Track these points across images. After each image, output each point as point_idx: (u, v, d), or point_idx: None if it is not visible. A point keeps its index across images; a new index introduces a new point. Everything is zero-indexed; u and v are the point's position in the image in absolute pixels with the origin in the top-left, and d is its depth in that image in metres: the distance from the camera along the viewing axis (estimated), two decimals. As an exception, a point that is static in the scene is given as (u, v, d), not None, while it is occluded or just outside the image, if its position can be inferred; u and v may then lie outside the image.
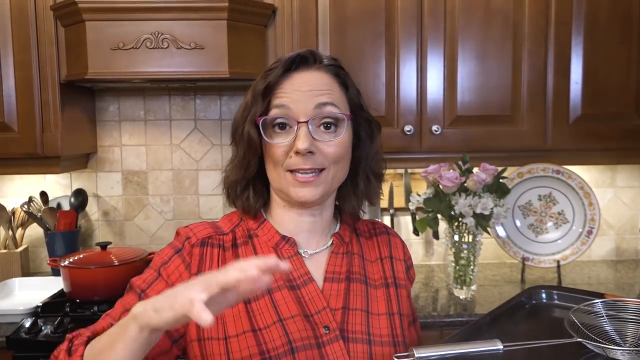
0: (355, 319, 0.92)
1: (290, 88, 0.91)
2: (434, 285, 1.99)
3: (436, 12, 1.84)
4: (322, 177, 0.90)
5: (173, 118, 2.20)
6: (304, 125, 0.88)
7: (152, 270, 0.93)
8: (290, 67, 0.92)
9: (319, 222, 0.97)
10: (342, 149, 0.91)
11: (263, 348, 0.85)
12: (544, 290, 1.18)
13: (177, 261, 0.92)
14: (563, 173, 1.97)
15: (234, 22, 1.72)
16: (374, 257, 1.02)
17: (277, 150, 0.90)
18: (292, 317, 0.88)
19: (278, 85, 0.91)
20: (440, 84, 1.87)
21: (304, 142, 0.87)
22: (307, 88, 0.90)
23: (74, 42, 1.76)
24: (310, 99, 0.90)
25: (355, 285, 0.95)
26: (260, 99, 0.91)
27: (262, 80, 0.92)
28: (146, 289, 0.90)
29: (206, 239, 0.93)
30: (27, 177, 2.16)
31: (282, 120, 0.90)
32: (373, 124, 0.99)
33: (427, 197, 1.78)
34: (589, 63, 1.87)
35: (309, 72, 0.93)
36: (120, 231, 2.22)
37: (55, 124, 1.83)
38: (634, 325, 0.92)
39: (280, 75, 0.91)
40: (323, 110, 0.90)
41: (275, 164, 0.91)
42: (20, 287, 1.94)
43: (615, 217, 2.31)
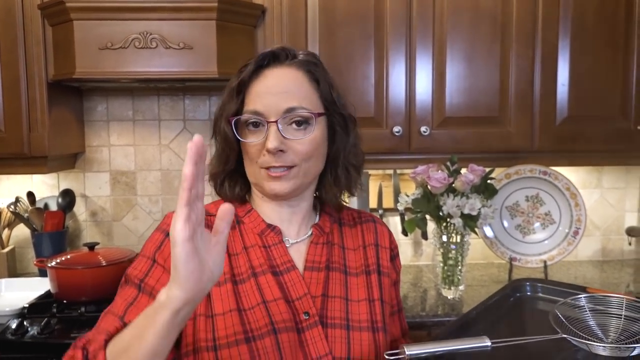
0: (334, 306, 0.95)
1: (262, 89, 0.94)
2: (422, 286, 1.99)
3: (425, 14, 1.85)
4: (292, 173, 0.94)
5: (162, 118, 2.19)
6: (273, 125, 0.92)
7: (146, 259, 0.93)
8: (262, 64, 0.95)
9: (298, 212, 1.01)
10: (312, 147, 0.94)
11: (247, 327, 0.88)
12: (528, 283, 1.21)
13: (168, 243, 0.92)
14: (550, 174, 1.99)
15: (223, 22, 1.72)
16: (356, 245, 1.05)
17: (251, 149, 0.94)
18: (274, 300, 0.91)
19: (250, 83, 0.95)
20: (429, 86, 1.88)
21: (272, 142, 0.91)
22: (277, 90, 0.93)
23: (61, 42, 1.74)
24: (281, 101, 0.92)
25: (334, 274, 0.99)
26: (235, 97, 0.95)
27: (236, 77, 0.96)
28: (144, 277, 0.90)
29: None
30: (13, 177, 2.14)
31: (254, 118, 0.93)
32: (347, 118, 1.01)
33: (416, 197, 1.78)
34: (576, 65, 1.89)
35: (281, 69, 0.96)
36: (109, 232, 2.21)
37: (42, 123, 1.81)
38: (616, 319, 0.95)
39: (252, 73, 0.95)
40: (293, 113, 0.93)
41: (251, 161, 0.95)
42: (7, 288, 1.92)
43: (601, 218, 2.33)
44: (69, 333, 1.56)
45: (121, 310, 0.87)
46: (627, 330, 0.92)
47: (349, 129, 1.01)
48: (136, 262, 0.94)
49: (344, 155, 1.01)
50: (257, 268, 0.94)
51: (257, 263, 0.95)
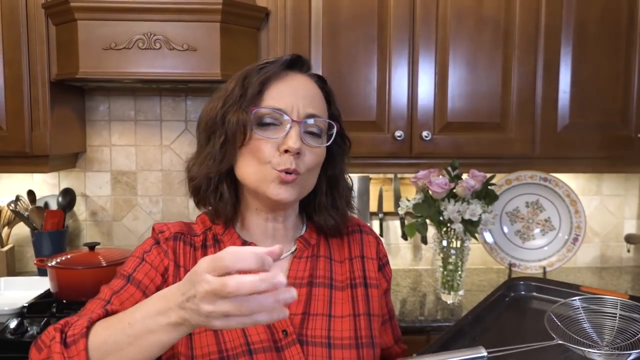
0: (316, 324, 0.93)
1: (287, 88, 0.92)
2: (421, 290, 2.00)
3: (428, 19, 1.86)
4: (298, 180, 0.91)
5: (164, 119, 2.19)
6: (297, 125, 0.89)
7: (135, 258, 0.95)
8: (289, 66, 0.94)
9: (281, 229, 0.99)
10: (319, 159, 0.94)
11: (222, 347, 0.88)
12: (522, 282, 1.21)
13: (157, 249, 0.94)
14: (550, 181, 1.99)
15: (227, 24, 1.72)
16: (343, 257, 1.03)
17: (265, 145, 0.89)
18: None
19: (274, 80, 0.92)
20: (431, 90, 1.88)
21: (296, 141, 0.88)
22: (302, 93, 0.92)
23: (65, 41, 1.74)
24: (305, 105, 0.91)
25: (317, 289, 0.97)
26: (256, 89, 0.90)
27: (257, 72, 0.92)
28: (132, 272, 0.92)
29: (179, 234, 0.96)
30: (14, 175, 2.14)
31: (275, 115, 0.90)
32: (346, 140, 1.02)
33: (417, 202, 1.79)
34: (577, 73, 1.90)
35: (303, 77, 0.95)
36: (108, 231, 2.21)
37: (44, 122, 1.81)
38: (611, 320, 0.95)
39: (278, 71, 0.92)
40: (314, 119, 0.92)
41: (260, 161, 0.90)
42: (6, 286, 1.92)
43: (601, 225, 2.34)
44: (68, 333, 1.56)
45: (107, 296, 0.89)
46: (623, 331, 0.92)
47: (345, 152, 1.02)
48: (127, 262, 0.96)
49: (342, 178, 1.02)
50: None
51: None
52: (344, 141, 1.01)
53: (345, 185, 1.03)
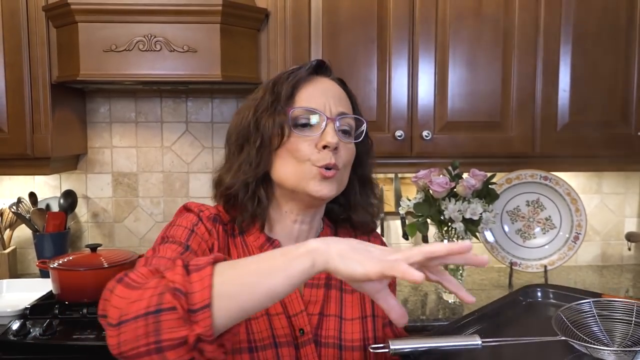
0: (329, 325, 0.96)
1: (316, 90, 0.95)
2: (422, 289, 2.00)
3: (428, 19, 1.86)
4: (337, 176, 0.93)
5: (164, 120, 2.19)
6: (332, 122, 0.92)
7: (184, 228, 0.91)
8: (315, 71, 0.97)
9: (306, 230, 1.00)
10: (352, 154, 0.96)
11: (250, 337, 0.89)
12: (540, 288, 1.18)
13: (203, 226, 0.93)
14: (550, 179, 2.00)
15: (227, 25, 1.73)
16: None
17: (303, 144, 0.91)
18: (277, 314, 0.92)
19: (303, 84, 0.95)
20: (431, 90, 1.89)
21: (334, 137, 0.90)
22: (332, 93, 0.95)
23: (65, 44, 1.75)
24: (336, 104, 0.94)
25: (331, 291, 0.99)
26: (289, 92, 0.93)
27: (285, 79, 0.95)
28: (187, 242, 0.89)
29: (217, 217, 0.96)
30: (15, 177, 2.15)
31: (310, 115, 0.92)
32: (370, 140, 1.04)
33: (417, 201, 1.79)
34: (577, 71, 1.90)
35: (329, 80, 0.99)
36: (110, 233, 2.21)
37: (45, 125, 1.82)
38: (623, 325, 0.93)
39: (305, 76, 0.95)
40: (346, 117, 0.95)
41: (299, 160, 0.91)
42: (8, 288, 1.92)
43: (601, 223, 2.34)
44: (71, 334, 1.56)
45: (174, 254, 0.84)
46: (635, 335, 0.90)
47: (370, 153, 1.04)
48: (170, 229, 0.92)
49: (370, 177, 1.04)
50: None
51: None
52: (368, 140, 1.03)
53: (374, 185, 1.06)
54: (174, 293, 0.66)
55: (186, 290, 0.66)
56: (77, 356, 1.52)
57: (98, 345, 1.51)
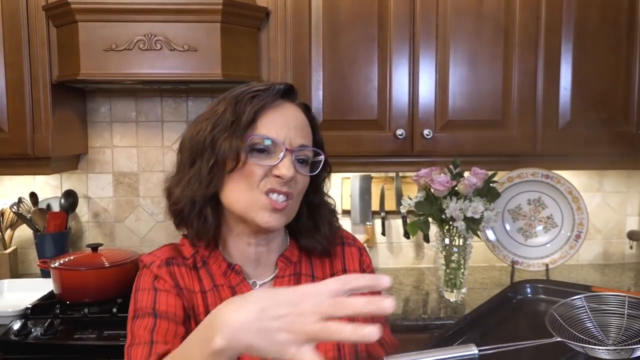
0: None
1: (280, 118, 0.93)
2: (424, 288, 2.00)
3: (428, 17, 1.86)
4: (288, 207, 0.92)
5: (165, 120, 2.19)
6: (290, 154, 0.91)
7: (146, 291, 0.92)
8: (281, 95, 0.95)
9: (264, 253, 0.99)
10: (306, 184, 0.96)
11: None
12: (529, 284, 1.18)
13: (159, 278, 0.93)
14: (552, 178, 1.99)
15: (227, 24, 1.73)
16: (325, 274, 1.04)
17: (257, 170, 0.90)
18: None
19: (267, 109, 0.92)
20: (432, 89, 1.88)
21: (290, 169, 0.89)
22: (294, 123, 0.94)
23: (66, 43, 1.75)
24: (297, 135, 0.93)
25: None
26: (251, 117, 0.90)
27: (250, 99, 0.92)
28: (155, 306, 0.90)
29: (170, 259, 0.96)
30: (16, 177, 2.15)
31: (270, 144, 0.90)
32: (328, 167, 1.03)
33: (419, 200, 1.79)
34: (578, 70, 1.90)
35: (294, 106, 0.97)
36: (111, 233, 2.21)
37: (46, 124, 1.81)
38: (618, 318, 0.92)
39: (271, 101, 0.93)
40: (305, 149, 0.94)
41: (251, 186, 0.90)
42: (9, 288, 1.92)
43: (603, 222, 2.34)
44: (72, 334, 1.56)
45: (147, 337, 0.86)
46: (629, 329, 0.89)
47: (325, 178, 1.03)
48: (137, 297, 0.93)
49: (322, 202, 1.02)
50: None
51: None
52: (326, 168, 1.02)
53: (327, 208, 1.04)
54: None
55: None
56: (79, 356, 1.52)
57: (99, 345, 1.50)
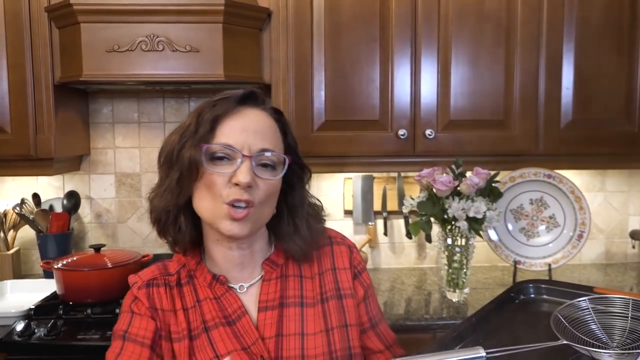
0: (289, 344, 0.96)
1: (238, 124, 0.93)
2: (426, 289, 2.00)
3: (430, 18, 1.86)
4: (250, 214, 0.91)
5: (167, 120, 2.19)
6: (247, 160, 0.90)
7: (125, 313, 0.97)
8: (242, 101, 0.95)
9: (248, 255, 1.00)
10: (273, 188, 0.95)
11: None
12: (532, 284, 1.17)
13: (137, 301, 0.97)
14: (554, 177, 1.99)
15: (229, 25, 1.73)
16: (314, 273, 1.04)
17: (217, 179, 0.90)
18: (228, 352, 0.92)
19: (227, 116, 0.93)
20: (434, 89, 1.88)
21: (246, 176, 0.89)
22: (253, 128, 0.93)
23: (68, 44, 1.75)
24: (256, 140, 0.92)
25: (288, 310, 0.99)
26: (208, 126, 0.91)
27: (210, 108, 0.93)
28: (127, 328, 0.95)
29: (151, 281, 0.98)
30: (19, 178, 2.15)
31: (227, 151, 0.91)
32: (305, 169, 1.03)
33: (421, 200, 1.79)
34: (580, 69, 1.90)
35: (257, 111, 0.97)
36: (113, 233, 2.21)
37: (48, 125, 1.82)
38: (622, 320, 0.92)
39: (230, 108, 0.94)
40: (265, 154, 0.93)
41: (214, 195, 0.91)
42: (12, 289, 1.93)
43: (605, 221, 2.34)
44: (75, 334, 1.57)
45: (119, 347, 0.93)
46: (634, 331, 0.89)
47: (304, 181, 1.03)
48: (118, 321, 0.98)
49: (303, 207, 1.02)
50: (210, 322, 0.95)
51: (209, 317, 0.96)
52: (302, 170, 1.03)
53: (307, 211, 1.03)
54: None
55: None
56: (82, 356, 1.53)
57: (102, 346, 1.50)
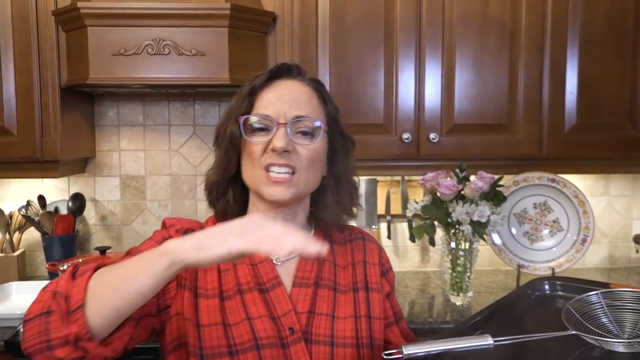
0: (320, 323, 0.97)
1: (274, 95, 0.98)
2: (430, 292, 2.00)
3: (434, 22, 1.87)
4: (294, 180, 0.95)
5: (172, 123, 2.20)
6: (282, 127, 0.94)
7: (153, 242, 0.97)
8: (276, 74, 1.00)
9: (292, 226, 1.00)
10: (315, 154, 0.97)
11: (230, 342, 0.91)
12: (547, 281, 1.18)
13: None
14: (558, 181, 1.99)
15: (235, 29, 1.74)
16: (346, 263, 1.07)
17: (254, 147, 0.95)
18: (259, 317, 0.93)
19: (262, 89, 0.99)
20: (438, 93, 1.89)
21: (280, 141, 0.93)
22: (289, 98, 0.97)
23: (75, 47, 1.76)
24: (292, 108, 0.96)
25: (322, 291, 1.00)
26: (245, 100, 0.98)
27: (248, 84, 1.00)
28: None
29: (189, 230, 0.98)
30: (25, 181, 2.16)
31: (263, 121, 0.96)
32: (348, 138, 1.06)
33: (425, 204, 1.79)
34: (584, 74, 1.90)
35: (293, 82, 1.01)
36: (118, 236, 2.22)
37: (55, 128, 1.83)
38: (633, 314, 0.92)
39: (265, 81, 0.99)
40: (302, 120, 0.96)
41: (253, 162, 0.96)
42: (17, 291, 1.93)
43: (609, 226, 2.34)
44: (80, 336, 1.57)
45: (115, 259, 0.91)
46: None
47: (348, 150, 1.06)
48: (141, 244, 0.99)
49: (346, 176, 1.05)
50: (244, 285, 0.96)
51: (243, 280, 0.97)
52: (344, 139, 1.05)
53: (349, 183, 1.06)
54: (55, 296, 0.77)
55: (66, 294, 0.76)
56: (87, 358, 1.53)
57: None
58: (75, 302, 0.75)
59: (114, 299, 0.76)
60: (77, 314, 0.75)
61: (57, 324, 0.75)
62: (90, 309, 0.75)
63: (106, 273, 0.79)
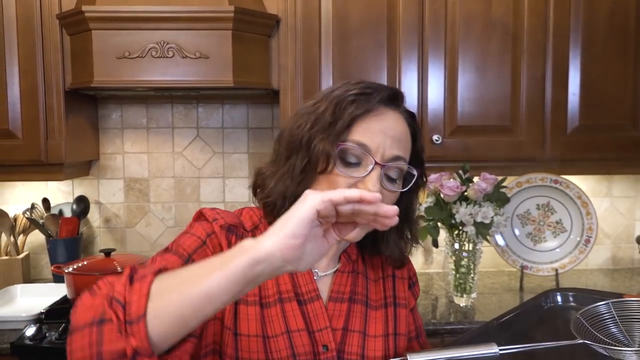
0: (353, 341, 0.95)
1: (378, 126, 0.89)
2: (433, 293, 2.00)
3: (437, 24, 1.88)
4: None
5: (175, 126, 2.21)
6: (378, 168, 0.87)
7: (195, 237, 0.89)
8: (385, 102, 0.91)
9: (334, 247, 0.97)
10: (394, 199, 0.92)
11: (269, 356, 0.87)
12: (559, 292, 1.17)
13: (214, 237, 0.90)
14: (561, 183, 2.00)
15: (238, 32, 1.75)
16: (377, 277, 1.04)
17: (342, 180, 0.88)
18: (298, 330, 0.90)
19: (365, 116, 0.89)
20: (441, 94, 1.89)
21: (375, 185, 0.86)
22: (392, 133, 0.89)
23: (79, 51, 1.77)
24: (392, 146, 0.89)
25: (355, 306, 0.97)
26: (346, 123, 0.88)
27: (350, 103, 0.89)
28: (192, 254, 0.87)
29: (232, 227, 0.92)
30: (29, 183, 2.17)
31: (359, 153, 0.88)
32: (425, 178, 0.99)
33: (428, 205, 1.80)
34: (587, 75, 1.91)
35: (396, 114, 0.92)
36: (122, 238, 2.23)
37: (59, 131, 1.84)
38: None
39: (372, 108, 0.90)
40: (398, 162, 0.89)
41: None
42: (22, 293, 1.94)
43: (612, 227, 2.34)
44: (86, 338, 1.57)
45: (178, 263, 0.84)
46: None
47: (419, 189, 1.00)
48: (181, 238, 0.90)
49: (413, 212, 1.00)
50: (284, 294, 0.92)
51: (284, 288, 0.93)
52: (422, 179, 0.98)
53: (412, 221, 1.01)
54: (112, 303, 0.66)
55: (125, 301, 0.66)
56: (92, 360, 1.53)
57: (113, 349, 1.51)
58: (135, 311, 0.65)
59: (181, 305, 0.66)
60: (138, 325, 0.64)
61: (113, 335, 0.65)
62: (152, 319, 0.65)
63: (170, 278, 0.69)
